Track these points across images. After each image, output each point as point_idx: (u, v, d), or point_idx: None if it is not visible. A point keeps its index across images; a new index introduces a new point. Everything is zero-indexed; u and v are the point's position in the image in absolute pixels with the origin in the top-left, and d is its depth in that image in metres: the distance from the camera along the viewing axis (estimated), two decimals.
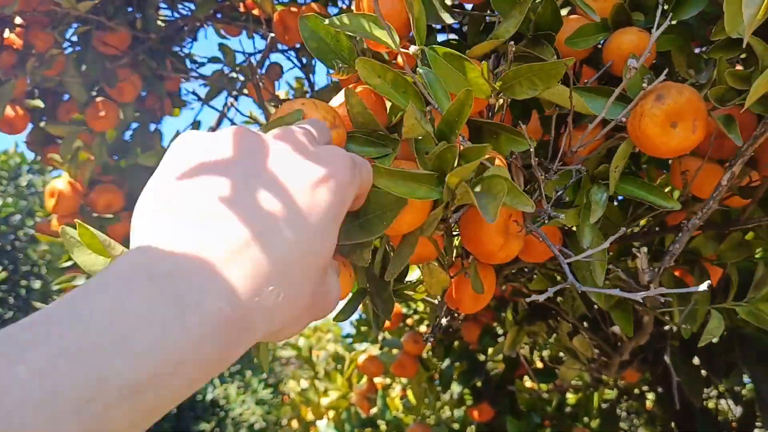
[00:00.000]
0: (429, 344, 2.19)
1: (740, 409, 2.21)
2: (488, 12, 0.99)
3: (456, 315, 1.08)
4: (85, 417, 0.32)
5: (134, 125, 1.99)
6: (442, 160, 0.62)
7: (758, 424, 2.18)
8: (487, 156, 0.68)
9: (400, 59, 0.73)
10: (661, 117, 0.73)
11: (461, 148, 0.63)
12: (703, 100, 0.76)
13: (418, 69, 0.70)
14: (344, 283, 0.67)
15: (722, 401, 2.28)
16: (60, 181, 1.80)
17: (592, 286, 0.82)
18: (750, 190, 0.94)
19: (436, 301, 0.99)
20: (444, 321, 0.96)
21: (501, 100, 0.77)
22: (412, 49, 0.72)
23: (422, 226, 0.68)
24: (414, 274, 1.09)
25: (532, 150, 0.74)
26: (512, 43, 0.73)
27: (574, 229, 0.83)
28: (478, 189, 0.62)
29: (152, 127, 2.01)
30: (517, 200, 0.62)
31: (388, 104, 0.76)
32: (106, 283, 0.36)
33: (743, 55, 0.89)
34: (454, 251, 0.91)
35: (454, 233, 0.84)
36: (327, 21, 0.73)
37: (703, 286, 0.60)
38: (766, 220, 0.93)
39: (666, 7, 0.85)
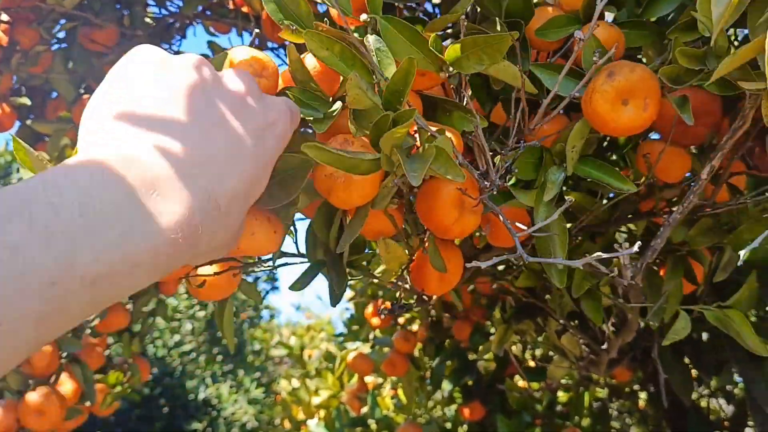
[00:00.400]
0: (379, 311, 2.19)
1: (732, 408, 2.22)
2: None
3: (425, 298, 1.08)
4: (48, 297, 0.34)
5: None
6: (380, 128, 0.62)
7: (750, 423, 2.18)
8: (437, 129, 0.68)
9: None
10: (611, 94, 0.73)
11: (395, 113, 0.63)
12: (657, 79, 0.75)
13: (366, 36, 0.69)
14: (270, 238, 0.68)
15: (714, 400, 2.28)
16: None
17: (555, 271, 0.82)
18: (716, 177, 0.94)
19: (403, 285, 0.99)
20: (411, 301, 0.95)
21: (455, 78, 0.77)
22: (363, 16, 0.71)
23: (374, 198, 0.68)
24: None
25: (479, 125, 0.74)
26: (464, 18, 0.73)
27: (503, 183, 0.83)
28: (414, 156, 0.63)
29: None
30: (448, 170, 0.62)
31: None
32: (76, 172, 0.39)
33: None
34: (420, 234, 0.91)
35: (414, 211, 0.84)
36: None
37: (633, 249, 0.61)
38: (735, 203, 0.93)
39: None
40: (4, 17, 1.64)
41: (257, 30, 0.90)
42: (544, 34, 0.85)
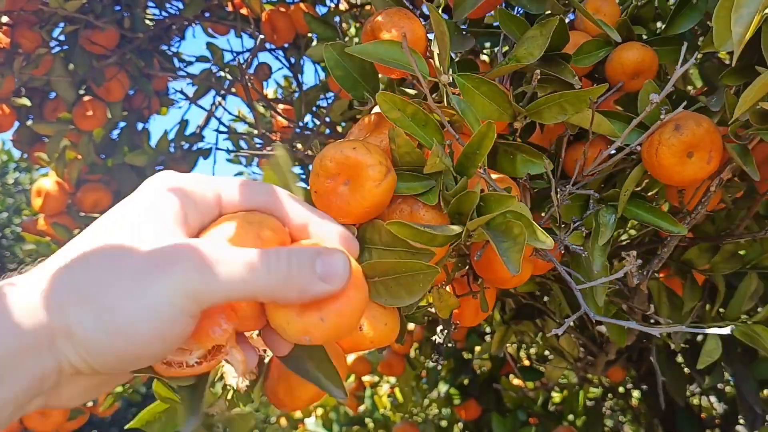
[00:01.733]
0: (434, 358, 2.21)
1: (724, 406, 2.24)
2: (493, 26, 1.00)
3: (455, 326, 1.09)
4: None
5: (122, 124, 1.98)
6: (463, 202, 0.62)
7: (741, 421, 2.20)
8: (505, 186, 0.68)
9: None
10: (678, 147, 0.74)
11: (482, 188, 0.63)
12: (718, 130, 0.76)
13: (449, 98, 0.70)
14: (396, 328, 0.66)
15: (706, 398, 2.30)
16: (47, 180, 1.79)
17: (592, 304, 0.83)
18: (744, 202, 0.95)
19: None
20: (444, 333, 0.97)
21: (522, 125, 0.77)
22: (443, 77, 0.71)
23: (439, 260, 0.68)
24: None
25: (549, 174, 0.75)
26: (538, 72, 0.74)
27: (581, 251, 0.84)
28: (495, 229, 0.62)
29: (140, 126, 2.01)
30: (534, 238, 0.62)
31: None
32: None
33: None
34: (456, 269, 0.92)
35: (467, 262, 0.85)
36: (352, 49, 0.73)
37: (725, 330, 0.62)
38: (762, 233, 0.94)
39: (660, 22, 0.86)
40: (6, 20, 1.64)
41: (261, 36, 0.91)
42: (578, 60, 0.86)
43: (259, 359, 0.60)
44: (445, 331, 0.96)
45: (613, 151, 0.80)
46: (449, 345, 1.04)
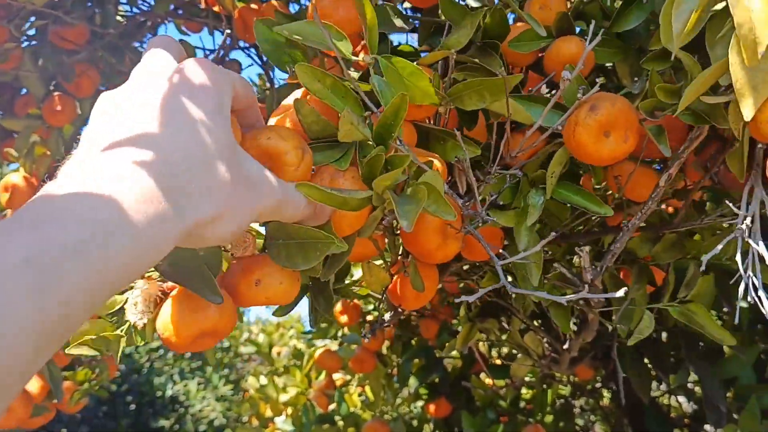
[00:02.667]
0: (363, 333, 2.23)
1: (693, 406, 2.28)
2: (439, 16, 1.02)
3: (401, 310, 1.11)
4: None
5: None
6: (372, 166, 0.64)
7: (708, 419, 2.24)
8: (426, 160, 0.70)
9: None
10: (594, 127, 0.76)
11: (395, 153, 0.65)
12: (635, 110, 0.79)
13: (371, 78, 0.71)
14: (294, 288, 0.70)
15: (675, 398, 2.34)
16: (15, 176, 1.78)
17: (529, 286, 0.85)
18: (684, 193, 0.98)
19: (380, 297, 1.02)
20: (387, 316, 0.98)
21: (446, 110, 0.79)
22: (365, 58, 0.73)
23: (361, 228, 0.70)
24: (358, 272, 1.11)
25: (466, 156, 0.77)
26: (454, 52, 0.76)
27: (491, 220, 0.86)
28: (403, 194, 0.65)
29: None
30: (440, 208, 0.65)
31: None
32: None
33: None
34: (399, 249, 0.94)
35: (396, 232, 0.87)
36: (279, 28, 0.74)
37: (620, 293, 0.63)
38: (699, 223, 0.97)
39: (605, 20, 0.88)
40: None
41: (228, 30, 0.91)
42: (517, 46, 0.88)
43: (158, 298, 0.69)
44: (383, 307, 0.98)
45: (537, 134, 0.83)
46: (402, 323, 1.05)
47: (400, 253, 0.92)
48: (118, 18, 1.84)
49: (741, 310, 1.72)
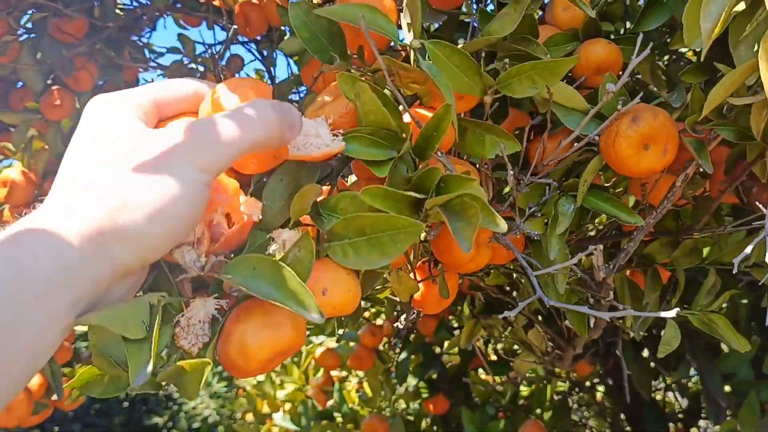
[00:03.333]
0: (392, 342, 2.22)
1: (686, 402, 2.29)
2: (464, 13, 1.01)
3: (418, 315, 1.10)
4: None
5: None
6: (423, 181, 0.62)
7: (703, 415, 2.25)
8: (463, 170, 0.68)
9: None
10: (635, 139, 0.76)
11: (441, 170, 0.63)
12: (675, 123, 0.78)
13: (420, 63, 0.69)
14: (358, 296, 0.65)
15: (669, 394, 2.34)
16: (13, 171, 1.76)
17: (553, 292, 0.85)
18: (705, 201, 0.98)
19: (396, 298, 1.01)
20: (403, 318, 0.98)
21: (491, 99, 0.77)
22: (412, 41, 0.70)
23: None
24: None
25: (507, 161, 0.75)
26: (506, 58, 0.74)
27: (536, 236, 0.85)
28: (450, 210, 0.62)
29: None
30: (490, 221, 0.62)
31: None
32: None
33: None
34: (422, 256, 0.93)
35: (425, 241, 0.86)
36: (321, 11, 0.71)
37: (671, 313, 0.63)
38: (719, 229, 0.96)
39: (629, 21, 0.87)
40: None
41: (235, 27, 0.90)
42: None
43: (213, 319, 0.58)
44: (405, 316, 0.97)
45: (571, 142, 0.82)
46: (412, 332, 1.05)
47: (425, 260, 0.91)
48: (117, 11, 1.82)
49: (739, 306, 1.73)
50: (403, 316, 0.98)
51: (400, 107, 0.69)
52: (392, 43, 0.72)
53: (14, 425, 1.51)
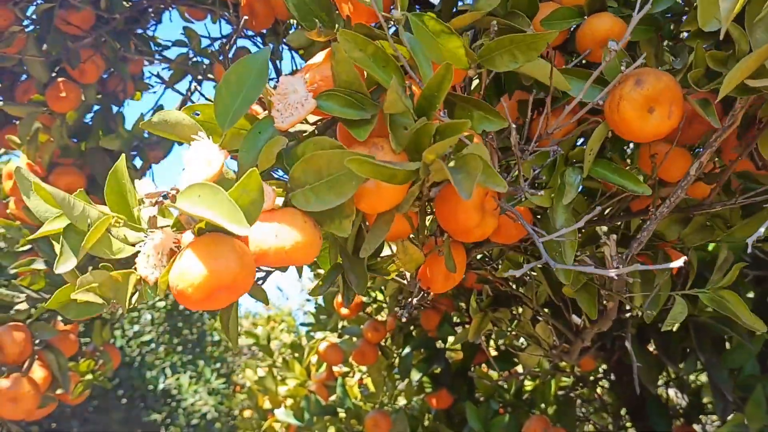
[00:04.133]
0: (402, 319, 2.21)
1: (687, 398, 2.29)
2: None
3: (426, 294, 1.10)
4: None
5: (96, 107, 1.95)
6: (420, 136, 0.63)
7: (704, 411, 2.26)
8: (465, 133, 0.69)
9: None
10: (639, 101, 0.76)
11: (439, 123, 0.64)
12: (679, 85, 0.78)
13: (402, 35, 0.70)
14: (317, 247, 0.68)
15: (669, 390, 2.35)
16: (18, 163, 1.76)
17: (560, 260, 0.85)
18: (714, 177, 0.97)
19: (405, 281, 1.01)
20: (415, 300, 0.97)
21: (479, 75, 0.78)
22: (396, 13, 0.71)
23: (399, 203, 0.69)
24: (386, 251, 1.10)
25: (513, 128, 0.76)
26: (494, 21, 0.75)
27: (545, 210, 0.85)
28: (453, 165, 0.64)
29: (114, 109, 1.97)
30: (490, 179, 0.64)
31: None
32: None
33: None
34: (426, 231, 0.93)
35: (429, 212, 0.86)
36: None
37: (679, 262, 0.63)
38: (730, 203, 0.96)
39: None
40: None
41: (246, 18, 0.90)
42: (549, 24, 0.87)
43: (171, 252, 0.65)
44: (416, 288, 0.97)
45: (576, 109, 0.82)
46: (416, 326, 1.05)
47: (432, 233, 0.91)
48: (124, 3, 1.81)
49: (744, 300, 1.73)
50: (415, 292, 0.98)
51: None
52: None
53: (20, 418, 1.50)
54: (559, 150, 0.83)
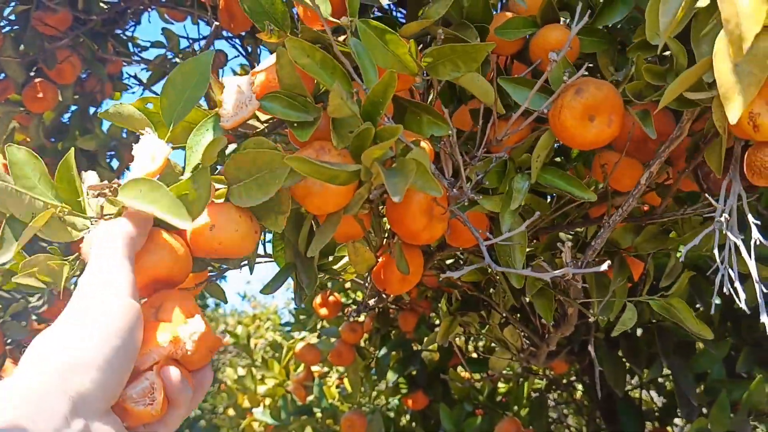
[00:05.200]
0: (350, 318, 2.23)
1: (663, 400, 2.31)
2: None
3: (384, 296, 1.12)
4: None
5: (73, 108, 1.96)
6: (362, 140, 0.65)
7: (680, 414, 2.28)
8: (412, 138, 0.71)
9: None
10: (579, 110, 0.78)
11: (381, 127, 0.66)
12: (621, 96, 0.80)
13: (348, 40, 0.72)
14: (252, 239, 0.70)
15: (645, 392, 2.37)
16: None
17: (513, 269, 0.86)
18: (666, 188, 1.00)
19: (363, 282, 1.02)
20: (372, 301, 0.99)
21: (428, 82, 0.80)
22: (343, 19, 0.73)
23: (347, 205, 0.71)
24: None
25: (453, 135, 0.78)
26: (440, 30, 0.77)
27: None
28: (390, 168, 0.66)
29: (92, 110, 1.98)
30: (426, 184, 0.66)
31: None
32: None
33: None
34: (385, 234, 0.95)
35: (383, 215, 0.88)
36: None
37: (603, 267, 0.65)
38: (680, 214, 0.99)
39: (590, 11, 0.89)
40: None
41: (216, 23, 0.91)
42: (503, 33, 0.89)
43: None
44: (369, 289, 0.99)
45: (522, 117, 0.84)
46: (380, 313, 1.07)
47: (385, 235, 0.93)
48: (101, 4, 1.82)
49: (709, 307, 1.76)
50: (368, 294, 1.00)
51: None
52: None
53: None
54: (504, 156, 0.85)
